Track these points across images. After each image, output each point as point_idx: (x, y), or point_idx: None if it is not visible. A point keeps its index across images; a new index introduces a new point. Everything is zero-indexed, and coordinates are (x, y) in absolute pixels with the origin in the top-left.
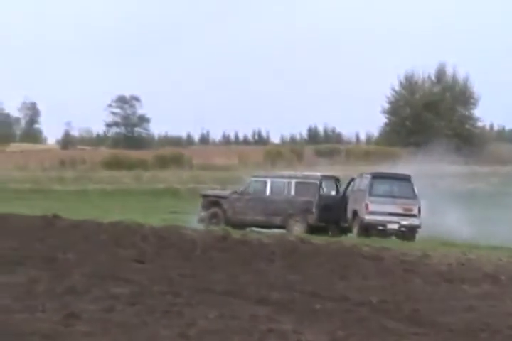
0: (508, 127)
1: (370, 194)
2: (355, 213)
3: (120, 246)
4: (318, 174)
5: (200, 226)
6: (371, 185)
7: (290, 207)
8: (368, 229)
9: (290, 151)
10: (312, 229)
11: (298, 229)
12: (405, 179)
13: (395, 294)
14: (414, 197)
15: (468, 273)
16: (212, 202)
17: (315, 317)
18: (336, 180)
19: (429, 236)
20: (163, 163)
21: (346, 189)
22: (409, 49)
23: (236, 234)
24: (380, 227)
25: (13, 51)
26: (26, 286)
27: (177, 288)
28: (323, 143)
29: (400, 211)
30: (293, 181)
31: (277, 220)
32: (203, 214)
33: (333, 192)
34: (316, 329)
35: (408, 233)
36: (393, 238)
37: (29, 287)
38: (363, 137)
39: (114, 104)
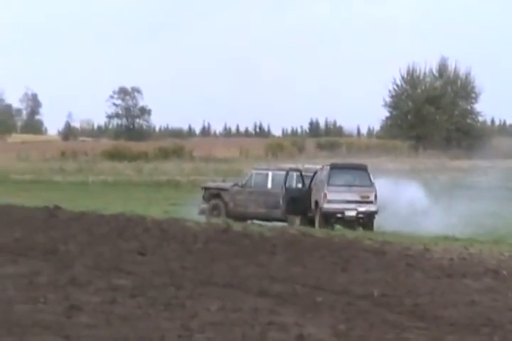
0: (509, 121)
1: (329, 184)
2: (316, 203)
3: (122, 238)
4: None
5: (202, 219)
6: (329, 176)
7: None
8: (328, 218)
9: (291, 144)
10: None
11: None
12: (362, 168)
13: (397, 288)
14: (370, 185)
15: (469, 268)
16: (214, 195)
17: (317, 310)
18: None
19: (431, 230)
20: (164, 154)
21: (311, 181)
22: (412, 43)
23: (237, 226)
24: (339, 215)
25: (14, 42)
26: (28, 277)
27: (179, 281)
28: (324, 137)
29: (357, 198)
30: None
31: (278, 213)
32: (204, 206)
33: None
34: (317, 322)
35: (366, 219)
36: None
37: (31, 278)
38: (364, 131)
39: (115, 96)
